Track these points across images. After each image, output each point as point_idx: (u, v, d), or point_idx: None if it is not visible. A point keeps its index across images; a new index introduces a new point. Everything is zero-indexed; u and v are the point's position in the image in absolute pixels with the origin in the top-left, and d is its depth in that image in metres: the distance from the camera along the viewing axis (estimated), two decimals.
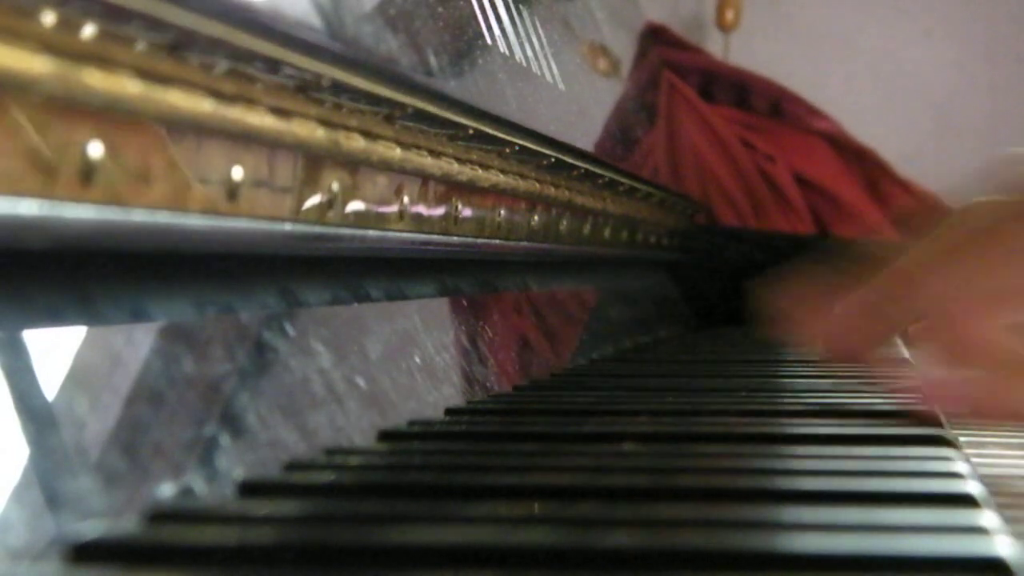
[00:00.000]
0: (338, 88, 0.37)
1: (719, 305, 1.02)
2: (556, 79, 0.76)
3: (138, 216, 0.29)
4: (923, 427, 0.35)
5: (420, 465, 0.33)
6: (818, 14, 1.82)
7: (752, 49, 1.67)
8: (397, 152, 0.42)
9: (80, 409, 0.27)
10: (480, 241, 0.53)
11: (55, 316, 0.28)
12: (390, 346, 0.44)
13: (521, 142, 0.55)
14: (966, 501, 0.25)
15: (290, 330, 0.37)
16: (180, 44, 0.29)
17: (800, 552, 0.22)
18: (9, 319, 0.26)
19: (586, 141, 1.07)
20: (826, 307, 0.44)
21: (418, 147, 0.44)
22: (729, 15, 1.67)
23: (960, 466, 0.29)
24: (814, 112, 1.39)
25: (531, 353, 0.66)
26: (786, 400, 0.44)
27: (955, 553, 0.21)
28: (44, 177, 0.25)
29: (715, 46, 1.65)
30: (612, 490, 0.28)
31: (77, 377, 0.27)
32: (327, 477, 0.31)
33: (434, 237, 0.48)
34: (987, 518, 0.24)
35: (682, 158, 1.30)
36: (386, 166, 0.42)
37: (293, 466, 0.31)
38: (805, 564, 0.21)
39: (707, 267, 1.05)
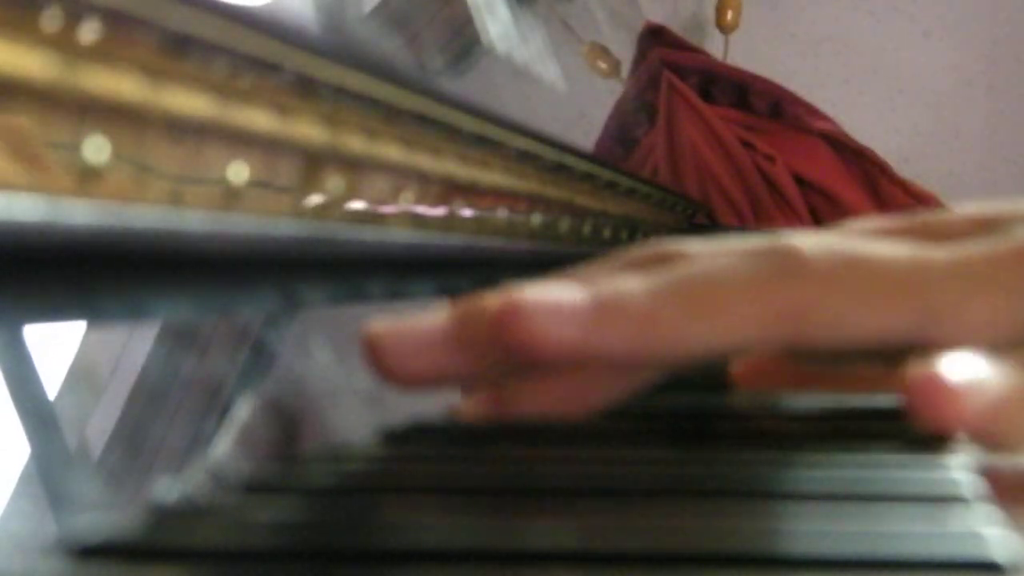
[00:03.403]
0: (338, 88, 0.37)
1: None
2: (556, 80, 0.76)
3: (137, 216, 0.29)
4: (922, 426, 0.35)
5: (421, 464, 0.33)
6: (818, 15, 1.82)
7: (752, 50, 1.67)
8: (397, 152, 0.42)
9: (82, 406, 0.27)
10: (480, 241, 0.53)
11: (55, 313, 0.28)
12: None
13: (522, 142, 0.55)
14: (960, 501, 0.25)
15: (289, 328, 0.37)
16: (180, 43, 0.29)
17: (791, 553, 0.22)
18: (9, 317, 0.26)
19: (586, 141, 1.07)
20: None
21: (418, 147, 0.44)
22: (729, 16, 1.67)
23: (954, 466, 0.29)
24: (814, 112, 1.39)
25: None
26: (784, 400, 0.44)
27: (947, 554, 0.21)
28: (44, 176, 0.25)
29: (715, 46, 1.65)
30: (613, 491, 0.28)
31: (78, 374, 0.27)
32: (327, 476, 0.31)
33: (434, 237, 0.48)
34: (980, 519, 0.24)
35: (682, 158, 1.30)
36: (386, 166, 0.42)
37: (293, 464, 0.31)
38: (796, 565, 0.21)
39: None
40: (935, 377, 0.29)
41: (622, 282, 0.31)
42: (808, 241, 0.32)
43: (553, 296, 0.30)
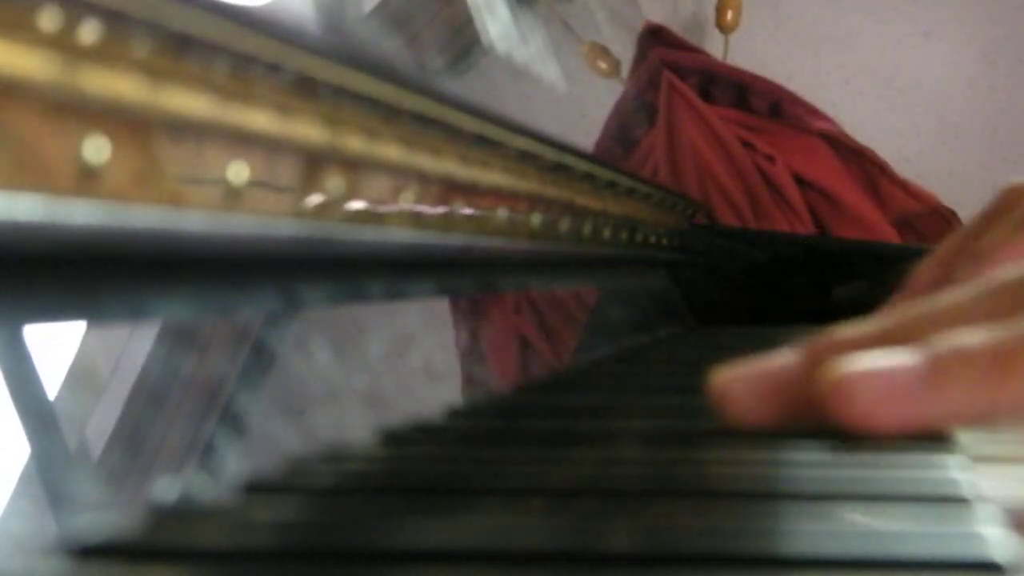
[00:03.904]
0: (338, 88, 0.37)
1: (719, 305, 1.02)
2: (556, 80, 0.76)
3: (137, 216, 0.29)
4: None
5: (421, 465, 0.33)
6: (818, 15, 1.82)
7: (752, 49, 1.67)
8: (397, 152, 0.42)
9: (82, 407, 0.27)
10: (480, 241, 0.53)
11: (55, 313, 0.28)
12: (390, 345, 0.44)
13: (522, 142, 0.55)
14: (960, 501, 0.25)
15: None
16: (180, 43, 0.29)
17: (791, 553, 0.22)
18: (9, 317, 0.26)
19: (586, 141, 1.07)
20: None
21: (419, 147, 0.44)
22: (729, 16, 1.67)
23: (955, 466, 0.29)
24: (814, 112, 1.39)
25: (531, 353, 0.66)
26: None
27: (948, 554, 0.21)
28: (44, 176, 0.25)
29: (715, 46, 1.65)
30: (613, 491, 0.28)
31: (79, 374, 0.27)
32: (327, 476, 0.31)
33: (434, 237, 0.48)
34: (980, 519, 0.24)
35: (682, 158, 1.30)
36: (386, 166, 0.42)
37: (293, 465, 0.31)
38: (796, 565, 0.21)
39: (707, 267, 1.05)
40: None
41: (962, 338, 0.29)
42: None
43: (883, 370, 0.29)
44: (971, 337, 0.30)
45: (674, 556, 0.22)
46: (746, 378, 0.33)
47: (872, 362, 0.29)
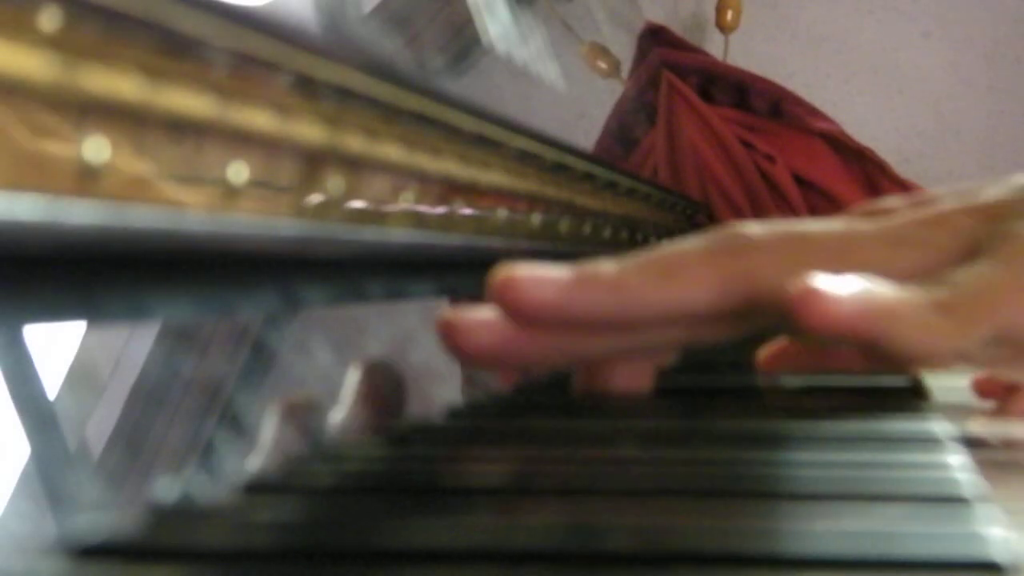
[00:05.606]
0: (338, 88, 0.37)
1: None
2: (556, 80, 0.76)
3: (137, 216, 0.29)
4: (919, 425, 0.35)
5: (421, 465, 0.33)
6: (818, 15, 1.82)
7: (752, 50, 1.67)
8: (397, 152, 0.42)
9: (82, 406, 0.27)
10: (480, 241, 0.53)
11: (55, 313, 0.28)
12: (390, 345, 0.44)
13: (522, 142, 0.55)
14: (960, 501, 0.25)
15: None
16: (180, 43, 0.29)
17: (791, 553, 0.22)
18: (9, 317, 0.26)
19: (586, 141, 1.07)
20: None
21: (418, 147, 0.44)
22: (729, 16, 1.66)
23: (955, 465, 0.29)
24: (814, 113, 1.39)
25: None
26: (785, 401, 0.44)
27: (947, 554, 0.21)
28: (44, 176, 0.25)
29: (715, 46, 1.65)
30: (612, 491, 0.28)
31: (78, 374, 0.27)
32: (327, 476, 0.31)
33: (434, 237, 0.48)
34: (980, 519, 0.24)
35: (682, 158, 1.30)
36: (386, 166, 0.42)
37: (293, 465, 0.31)
38: (796, 565, 0.21)
39: None
40: (810, 286, 0.34)
41: (599, 262, 0.37)
42: (755, 225, 0.38)
43: (540, 270, 0.36)
44: (607, 262, 0.37)
45: (674, 556, 0.22)
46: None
47: (534, 267, 0.36)
